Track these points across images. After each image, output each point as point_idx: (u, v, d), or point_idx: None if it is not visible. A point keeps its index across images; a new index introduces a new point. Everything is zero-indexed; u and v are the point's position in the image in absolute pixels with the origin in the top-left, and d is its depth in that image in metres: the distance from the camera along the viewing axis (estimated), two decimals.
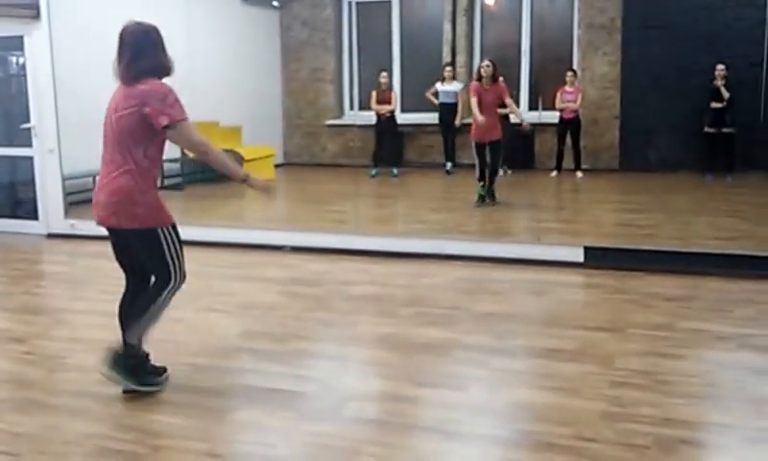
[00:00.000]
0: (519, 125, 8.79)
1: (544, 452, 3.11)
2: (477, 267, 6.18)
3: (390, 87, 10.87)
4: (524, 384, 3.87)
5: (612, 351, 4.23)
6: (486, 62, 8.30)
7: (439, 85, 10.56)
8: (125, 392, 3.73)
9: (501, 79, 8.32)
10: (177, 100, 3.52)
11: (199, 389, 3.84)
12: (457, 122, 10.43)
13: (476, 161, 8.49)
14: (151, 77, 3.54)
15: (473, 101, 8.20)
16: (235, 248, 6.90)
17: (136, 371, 3.75)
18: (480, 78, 8.27)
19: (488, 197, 8.51)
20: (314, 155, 12.34)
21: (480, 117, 8.09)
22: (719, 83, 9.60)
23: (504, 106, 8.52)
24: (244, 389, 3.85)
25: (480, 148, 8.43)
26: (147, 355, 3.86)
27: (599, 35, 10.76)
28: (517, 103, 10.39)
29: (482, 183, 8.49)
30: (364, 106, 10.99)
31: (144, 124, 3.50)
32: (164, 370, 3.91)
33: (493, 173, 8.53)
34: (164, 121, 3.47)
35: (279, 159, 11.90)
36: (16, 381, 4.05)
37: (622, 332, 4.55)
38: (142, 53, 3.53)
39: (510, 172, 10.09)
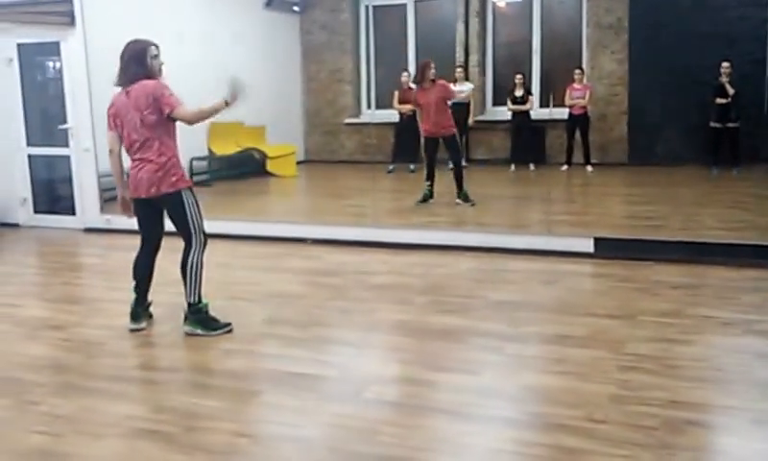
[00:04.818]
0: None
1: (555, 433, 3.16)
2: (491, 257, 6.21)
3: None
4: (536, 369, 3.93)
5: (621, 337, 4.26)
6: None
7: (451, 86, 10.66)
8: (188, 334, 4.44)
9: (440, 81, 8.23)
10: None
11: (228, 373, 3.95)
12: (470, 121, 10.49)
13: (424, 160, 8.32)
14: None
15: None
16: (260, 240, 6.98)
17: (204, 322, 4.46)
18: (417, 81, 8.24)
19: (460, 198, 8.17)
20: (333, 152, 12.45)
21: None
22: (724, 79, 9.60)
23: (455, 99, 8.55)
24: (270, 373, 3.95)
25: (428, 143, 8.24)
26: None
27: (607, 34, 10.84)
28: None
29: (428, 183, 8.27)
30: (381, 105, 11.04)
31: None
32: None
33: (457, 172, 8.20)
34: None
35: (300, 157, 12.06)
36: (56, 366, 4.16)
37: (631, 319, 4.58)
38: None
39: (533, 167, 10.19)
